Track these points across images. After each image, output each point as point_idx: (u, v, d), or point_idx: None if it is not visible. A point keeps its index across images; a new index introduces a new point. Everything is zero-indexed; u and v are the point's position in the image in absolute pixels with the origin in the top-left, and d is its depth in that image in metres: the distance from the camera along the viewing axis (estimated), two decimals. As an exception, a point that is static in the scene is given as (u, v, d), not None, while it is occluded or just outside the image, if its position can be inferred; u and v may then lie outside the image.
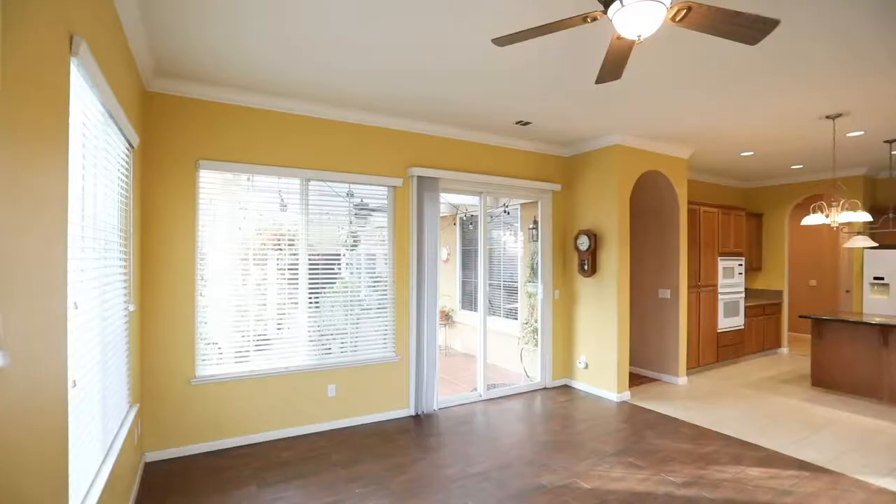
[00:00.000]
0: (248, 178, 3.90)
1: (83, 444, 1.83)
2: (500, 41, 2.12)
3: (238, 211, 3.88)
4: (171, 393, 3.52)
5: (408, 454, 3.61)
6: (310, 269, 4.12)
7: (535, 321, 5.80)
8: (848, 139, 5.13)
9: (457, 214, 7.88)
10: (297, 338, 4.06)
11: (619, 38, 2.03)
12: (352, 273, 4.42)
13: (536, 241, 5.80)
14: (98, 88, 1.84)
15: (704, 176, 7.29)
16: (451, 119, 4.47)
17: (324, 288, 4.21)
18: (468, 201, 6.80)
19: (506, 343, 6.48)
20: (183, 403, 3.56)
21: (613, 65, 2.31)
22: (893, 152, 5.77)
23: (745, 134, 4.96)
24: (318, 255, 4.21)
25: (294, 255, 4.08)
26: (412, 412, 4.52)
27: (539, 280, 5.56)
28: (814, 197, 7.50)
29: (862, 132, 4.90)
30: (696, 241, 6.04)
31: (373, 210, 4.51)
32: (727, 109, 4.16)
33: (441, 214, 5.52)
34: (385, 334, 4.46)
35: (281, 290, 4.04)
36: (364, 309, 4.40)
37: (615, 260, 5.03)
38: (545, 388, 5.45)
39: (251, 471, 3.33)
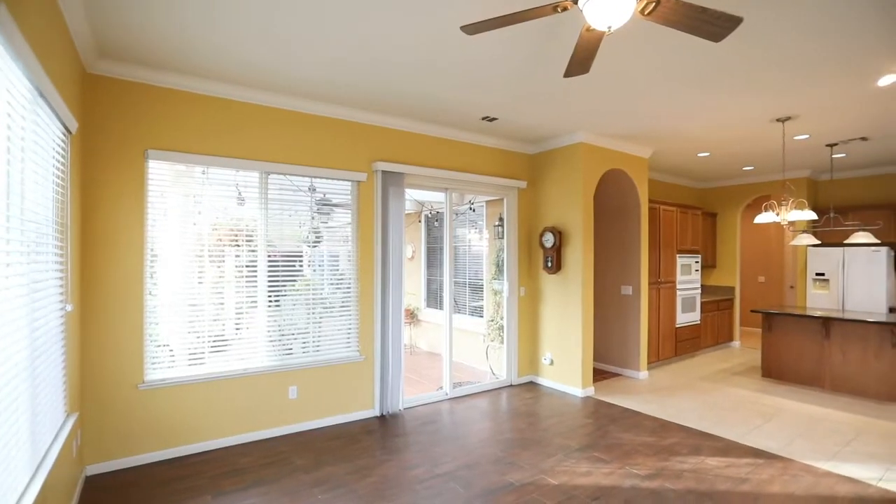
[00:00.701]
0: (204, 171, 3.68)
1: (6, 460, 1.64)
2: (469, 29, 2.06)
3: (192, 205, 3.65)
4: (117, 399, 3.28)
5: (373, 456, 3.51)
6: (269, 266, 3.94)
7: (501, 318, 5.80)
8: (795, 142, 5.40)
9: (422, 212, 7.80)
10: (256, 338, 3.88)
11: (588, 29, 2.01)
12: (314, 271, 4.27)
13: (502, 238, 5.80)
14: (23, 62, 1.65)
15: (663, 176, 7.51)
16: (417, 113, 4.39)
17: (284, 286, 4.04)
18: (434, 198, 6.73)
19: (471, 341, 6.46)
20: (130, 410, 3.32)
21: (582, 58, 2.29)
22: (834, 156, 6.13)
23: (702, 135, 5.12)
24: (279, 252, 4.04)
25: (253, 251, 3.89)
26: (377, 412, 4.41)
27: (504, 277, 5.56)
28: (762, 197, 7.88)
29: (807, 136, 5.16)
30: (656, 238, 6.21)
31: (336, 206, 4.37)
32: (687, 110, 4.27)
33: (406, 212, 5.43)
34: (349, 333, 4.33)
35: (239, 289, 3.85)
36: (327, 307, 4.26)
37: (580, 257, 5.09)
38: (511, 386, 5.45)
39: (207, 479, 3.14)
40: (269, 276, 3.94)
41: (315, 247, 4.25)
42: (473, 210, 6.79)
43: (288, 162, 3.96)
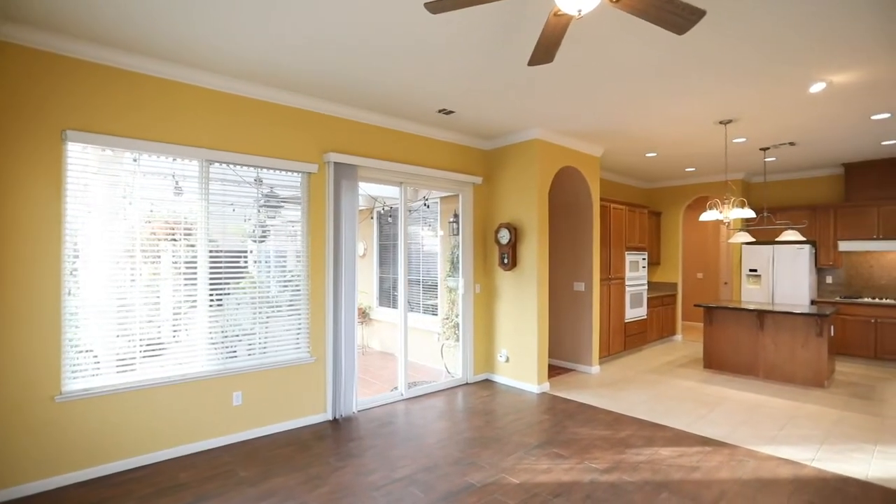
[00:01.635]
0: (135, 158, 3.33)
1: None
2: (432, 6, 1.94)
3: (122, 197, 3.29)
4: (28, 414, 2.89)
5: (326, 463, 3.32)
6: (211, 264, 3.64)
7: (456, 316, 5.73)
8: (733, 145, 5.70)
9: (374, 208, 7.59)
10: (196, 341, 3.57)
11: (557, 14, 1.96)
12: (260, 269, 3.99)
13: (457, 234, 5.74)
14: None
15: (612, 175, 7.74)
16: (371, 103, 4.22)
17: (228, 284, 3.75)
18: (387, 193, 6.56)
19: (426, 339, 6.35)
20: (45, 425, 2.94)
21: (547, 45, 2.24)
22: (766, 159, 6.55)
23: (651, 135, 5.29)
24: (221, 248, 3.74)
25: (192, 247, 3.58)
26: (330, 416, 4.20)
27: (460, 274, 5.49)
28: (702, 198, 8.32)
29: (745, 139, 5.46)
30: (606, 236, 6.36)
31: (284, 200, 4.11)
32: (639, 109, 4.37)
33: (358, 207, 5.23)
34: (298, 334, 4.09)
35: (177, 288, 3.52)
36: (274, 307, 4.00)
37: (535, 253, 5.11)
38: (467, 384, 5.39)
39: (137, 499, 2.83)
40: (211, 274, 3.64)
41: (262, 242, 3.98)
42: (428, 206, 6.68)
43: (232, 150, 3.68)
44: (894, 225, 6.41)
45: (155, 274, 3.45)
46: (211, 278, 3.64)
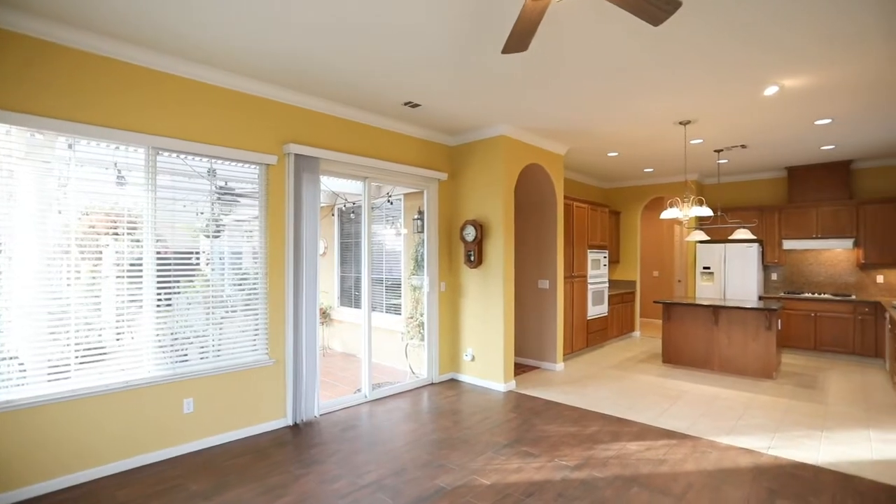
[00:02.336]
0: (70, 144, 3.02)
1: None
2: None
3: (55, 188, 2.98)
4: (-59, 430, 2.55)
5: (287, 471, 3.12)
6: (159, 262, 3.36)
7: (421, 315, 5.63)
8: (690, 146, 5.89)
9: (335, 204, 7.37)
10: (141, 345, 3.28)
11: (535, -2, 1.89)
12: (214, 268, 3.73)
13: (422, 232, 5.63)
14: None
15: (574, 175, 7.86)
16: (335, 94, 4.04)
17: (177, 283, 3.48)
18: (350, 188, 6.36)
19: (389, 339, 6.21)
20: (-38, 443, 2.60)
21: (523, 32, 2.17)
22: (719, 161, 6.83)
23: (614, 134, 5.37)
24: (170, 245, 3.47)
25: (137, 244, 3.29)
26: (290, 422, 3.99)
27: (424, 272, 5.39)
28: (658, 199, 8.59)
29: (702, 140, 5.65)
30: (570, 234, 6.43)
31: (241, 195, 3.86)
32: (603, 106, 4.41)
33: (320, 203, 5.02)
34: (256, 335, 3.86)
35: (120, 288, 3.22)
36: (229, 308, 3.75)
37: (501, 250, 5.07)
38: (432, 384, 5.29)
39: (72, 520, 2.55)
40: (159, 273, 3.36)
41: (216, 239, 3.73)
42: (391, 203, 6.53)
43: (183, 138, 3.41)
44: (831, 225, 6.83)
45: (95, 272, 3.15)
46: (159, 277, 3.36)
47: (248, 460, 3.29)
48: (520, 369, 5.87)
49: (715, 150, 6.18)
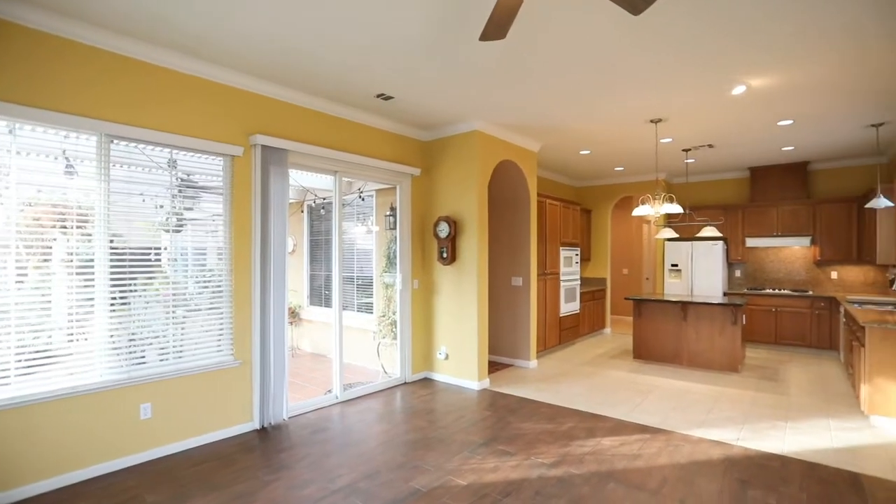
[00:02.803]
0: (10, 129, 2.78)
1: None
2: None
3: (-7, 177, 2.73)
4: None
5: (254, 477, 2.97)
6: (113, 258, 3.14)
7: (393, 314, 5.51)
8: (660, 145, 5.99)
9: (305, 201, 7.15)
10: (93, 347, 3.05)
11: (517, -20, 1.83)
12: (176, 266, 3.51)
13: (394, 228, 5.51)
14: None
15: (547, 173, 7.89)
16: (304, 83, 3.89)
17: (134, 281, 3.26)
18: (320, 184, 6.18)
19: (361, 339, 6.06)
20: None
21: (502, 18, 2.11)
22: (687, 160, 6.98)
23: (586, 131, 5.39)
24: (127, 241, 3.24)
25: (88, 239, 3.06)
26: (257, 425, 3.82)
27: (397, 270, 5.28)
28: (627, 198, 8.74)
29: (671, 139, 5.75)
30: (542, 231, 6.44)
31: (204, 189, 3.66)
32: (577, 104, 4.41)
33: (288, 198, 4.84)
34: (220, 335, 3.67)
35: (70, 287, 2.99)
36: (192, 307, 3.55)
37: (475, 247, 5.02)
38: (405, 384, 5.19)
39: (12, 539, 2.33)
40: (113, 271, 3.14)
41: (177, 234, 3.51)
42: (363, 199, 6.38)
43: (140, 125, 3.19)
44: (790, 223, 7.10)
45: (41, 269, 2.90)
46: (113, 274, 3.13)
47: (211, 467, 3.11)
48: (493, 367, 5.84)
49: (683, 150, 6.31)
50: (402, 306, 5.25)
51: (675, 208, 4.87)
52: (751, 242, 7.35)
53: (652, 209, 4.91)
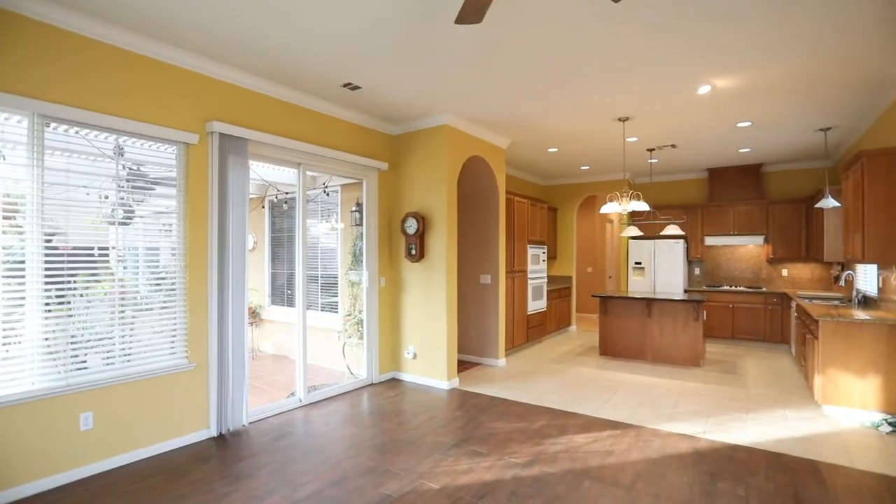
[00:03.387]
0: (-76, 107, 2.45)
1: None
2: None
3: None
4: None
5: (210, 490, 2.75)
6: (48, 254, 2.84)
7: (359, 312, 5.34)
8: (626, 144, 6.07)
9: (266, 196, 6.85)
10: (24, 353, 2.74)
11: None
12: (126, 265, 3.22)
13: (360, 225, 5.34)
14: None
15: (514, 171, 7.89)
16: (266, 68, 3.67)
17: (74, 278, 2.96)
18: (283, 178, 5.92)
19: (325, 339, 5.85)
20: None
21: (479, 1, 2.01)
22: (650, 160, 7.13)
23: (555, 128, 5.38)
24: (66, 236, 2.94)
25: (17, 231, 2.75)
26: (214, 432, 3.57)
27: (363, 267, 5.11)
28: (591, 197, 8.87)
29: (636, 139, 5.84)
30: (511, 229, 6.42)
31: (156, 182, 3.38)
32: (545, 99, 4.39)
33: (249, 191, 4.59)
34: (174, 337, 3.40)
35: (-5, 285, 2.68)
36: (143, 307, 3.27)
37: (444, 243, 4.91)
38: (372, 384, 5.03)
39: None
40: (48, 268, 2.84)
41: (125, 227, 3.23)
42: (328, 194, 6.16)
43: (81, 106, 2.90)
44: (745, 222, 7.39)
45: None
46: (48, 272, 2.83)
47: (161, 480, 2.87)
48: (462, 366, 5.76)
49: (647, 150, 6.43)
50: (369, 305, 5.08)
51: (643, 205, 4.94)
52: (709, 241, 7.60)
53: (620, 206, 4.95)
